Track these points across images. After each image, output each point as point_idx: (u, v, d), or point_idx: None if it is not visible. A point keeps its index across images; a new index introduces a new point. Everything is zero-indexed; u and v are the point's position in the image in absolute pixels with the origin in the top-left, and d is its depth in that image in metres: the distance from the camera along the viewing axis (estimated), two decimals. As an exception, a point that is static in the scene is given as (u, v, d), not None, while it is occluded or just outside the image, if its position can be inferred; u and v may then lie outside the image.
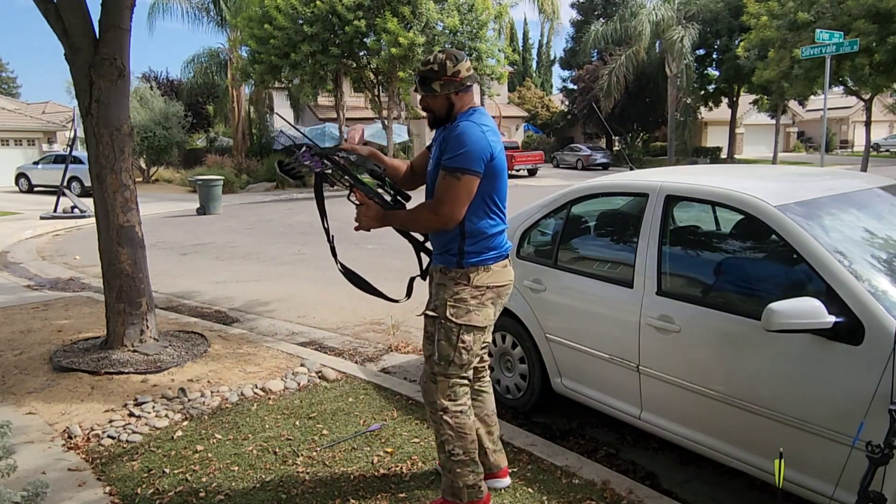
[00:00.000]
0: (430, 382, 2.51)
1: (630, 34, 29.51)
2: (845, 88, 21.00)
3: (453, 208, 2.33)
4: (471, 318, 2.42)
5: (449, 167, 2.32)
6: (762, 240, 2.87)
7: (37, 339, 5.08)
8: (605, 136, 37.09)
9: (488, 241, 2.44)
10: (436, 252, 2.55)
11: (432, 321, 2.47)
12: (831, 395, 2.32)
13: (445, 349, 2.44)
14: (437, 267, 2.51)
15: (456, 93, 2.40)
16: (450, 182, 2.31)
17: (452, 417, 2.47)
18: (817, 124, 34.82)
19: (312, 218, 14.75)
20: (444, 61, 2.36)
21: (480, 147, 2.31)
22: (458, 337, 2.42)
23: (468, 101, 2.45)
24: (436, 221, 2.38)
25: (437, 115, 2.46)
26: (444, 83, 2.38)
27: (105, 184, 4.44)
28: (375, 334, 5.54)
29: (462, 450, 2.47)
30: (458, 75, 2.37)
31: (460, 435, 2.47)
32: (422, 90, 2.44)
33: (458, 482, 2.50)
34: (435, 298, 2.48)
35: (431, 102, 2.44)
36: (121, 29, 4.35)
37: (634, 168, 4.08)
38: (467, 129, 2.33)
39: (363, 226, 2.51)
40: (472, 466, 2.50)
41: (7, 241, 11.92)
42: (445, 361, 2.45)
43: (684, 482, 3.04)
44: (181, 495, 2.81)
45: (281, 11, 19.54)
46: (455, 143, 2.31)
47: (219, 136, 33.86)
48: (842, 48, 14.30)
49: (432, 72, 2.38)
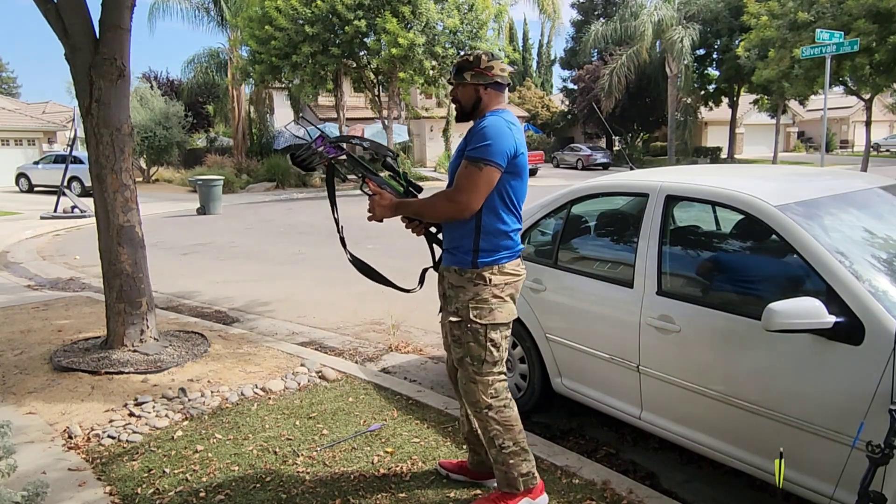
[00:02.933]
0: (469, 384, 2.50)
1: (630, 34, 29.52)
2: (845, 88, 20.99)
3: (471, 197, 2.34)
4: (494, 316, 2.43)
5: (472, 157, 2.34)
6: (762, 240, 2.87)
7: (37, 338, 5.08)
8: (605, 136, 37.10)
9: (503, 240, 2.45)
10: (447, 249, 2.54)
11: (457, 325, 2.47)
12: (831, 395, 2.32)
13: (476, 350, 2.45)
14: (451, 268, 2.50)
15: (485, 88, 2.44)
16: (471, 171, 2.33)
17: (498, 413, 2.49)
18: (817, 124, 34.84)
19: (312, 218, 14.77)
20: (481, 55, 2.45)
21: (505, 142, 2.33)
22: (486, 336, 2.44)
23: (497, 101, 2.48)
24: (452, 209, 2.39)
25: (463, 107, 2.50)
26: (476, 74, 2.43)
27: (105, 184, 4.44)
28: (375, 334, 5.54)
29: (512, 441, 2.50)
30: (491, 71, 2.43)
31: (508, 427, 2.49)
32: (455, 79, 2.49)
33: (512, 472, 2.51)
34: (455, 301, 2.47)
35: (460, 93, 2.48)
36: (121, 29, 4.35)
37: (634, 168, 4.08)
38: (493, 123, 2.36)
39: (377, 216, 2.52)
40: (523, 455, 2.52)
41: (7, 240, 11.93)
42: (479, 362, 2.46)
43: (684, 482, 3.04)
44: (181, 495, 2.81)
45: (281, 12, 19.54)
46: (481, 136, 2.34)
47: (219, 136, 33.85)
48: (842, 48, 14.29)
49: (467, 62, 2.45)
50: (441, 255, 2.62)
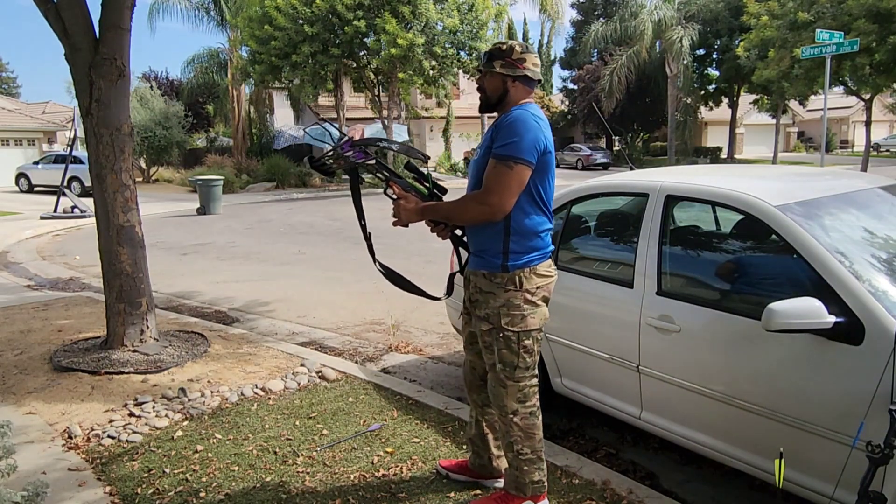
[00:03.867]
0: (499, 387, 2.44)
1: (630, 34, 29.50)
2: (845, 88, 20.99)
3: (502, 198, 2.24)
4: (527, 322, 2.36)
5: (501, 155, 2.24)
6: (762, 240, 2.86)
7: (37, 338, 5.08)
8: (605, 136, 37.10)
9: (534, 241, 2.36)
10: (475, 252, 2.45)
11: (488, 332, 2.39)
12: (831, 395, 2.32)
13: (508, 357, 2.39)
14: (479, 272, 2.41)
15: (514, 80, 2.36)
16: (501, 170, 2.23)
17: (522, 419, 2.44)
18: (817, 124, 34.83)
19: (312, 218, 14.78)
20: (514, 45, 2.37)
21: (535, 136, 2.25)
22: (519, 343, 2.37)
23: (523, 96, 2.40)
24: (483, 212, 2.29)
25: (488, 97, 2.41)
26: (506, 64, 2.35)
27: (105, 184, 4.44)
28: (375, 334, 5.54)
29: (530, 449, 2.46)
30: (522, 63, 2.35)
31: (529, 435, 2.46)
32: (484, 67, 2.40)
33: (523, 478, 2.49)
34: (484, 307, 2.39)
35: (487, 82, 2.40)
36: (121, 29, 4.35)
37: (634, 168, 4.08)
38: (521, 118, 2.27)
39: (402, 220, 2.42)
40: (538, 464, 2.49)
41: (7, 241, 11.93)
42: (511, 368, 2.40)
43: (684, 482, 3.04)
44: (181, 495, 2.81)
45: (281, 12, 19.54)
46: (508, 131, 2.25)
47: (219, 136, 33.87)
48: (842, 48, 14.29)
49: (499, 51, 2.38)
50: (467, 257, 2.52)
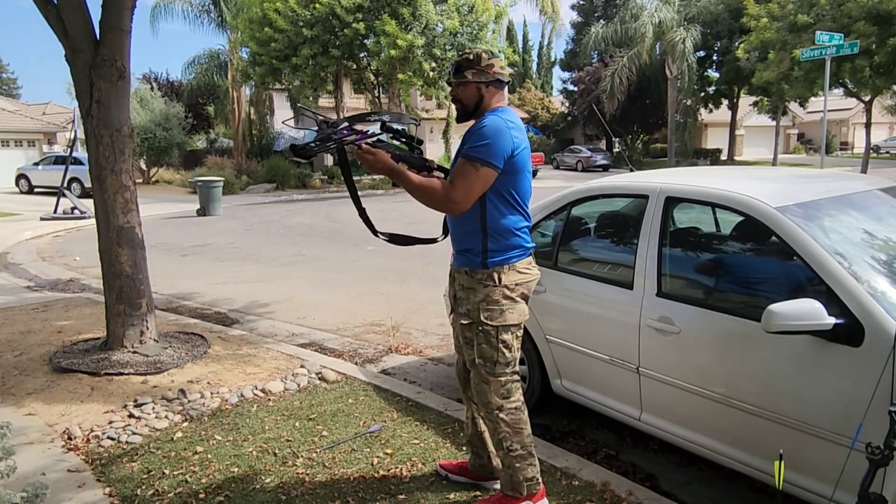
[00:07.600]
0: (481, 384, 2.50)
1: (630, 36, 29.55)
2: (845, 90, 21.04)
3: (464, 196, 2.33)
4: (506, 317, 2.42)
5: (469, 156, 2.33)
6: (762, 241, 2.87)
7: (37, 340, 5.08)
8: (605, 137, 37.14)
9: (511, 239, 2.44)
10: (459, 251, 2.54)
11: (468, 327, 2.47)
12: (831, 397, 2.32)
13: (487, 352, 2.45)
14: (462, 269, 2.50)
15: (487, 85, 2.44)
16: (467, 170, 2.32)
17: (508, 415, 2.48)
18: (817, 126, 34.83)
19: (312, 219, 14.78)
20: (480, 53, 2.45)
21: (503, 142, 2.32)
22: (498, 338, 2.44)
23: (498, 99, 2.47)
24: (440, 202, 2.36)
25: (465, 107, 2.48)
26: (477, 72, 2.42)
27: (105, 185, 4.44)
28: (375, 335, 5.54)
29: (520, 444, 2.49)
30: (491, 69, 2.43)
31: (517, 430, 2.49)
32: (454, 78, 2.47)
33: (517, 476, 2.51)
34: (465, 303, 2.47)
35: (461, 92, 2.46)
36: (121, 30, 4.35)
37: (634, 170, 4.08)
38: (492, 124, 2.35)
39: (368, 163, 2.34)
40: (529, 460, 2.52)
41: (7, 241, 11.93)
42: (490, 363, 2.46)
43: (684, 484, 3.03)
44: (181, 496, 2.80)
45: (281, 14, 19.56)
46: (479, 135, 2.33)
47: (219, 137, 33.89)
48: (842, 50, 14.31)
49: (467, 60, 2.45)
50: (452, 255, 2.62)
